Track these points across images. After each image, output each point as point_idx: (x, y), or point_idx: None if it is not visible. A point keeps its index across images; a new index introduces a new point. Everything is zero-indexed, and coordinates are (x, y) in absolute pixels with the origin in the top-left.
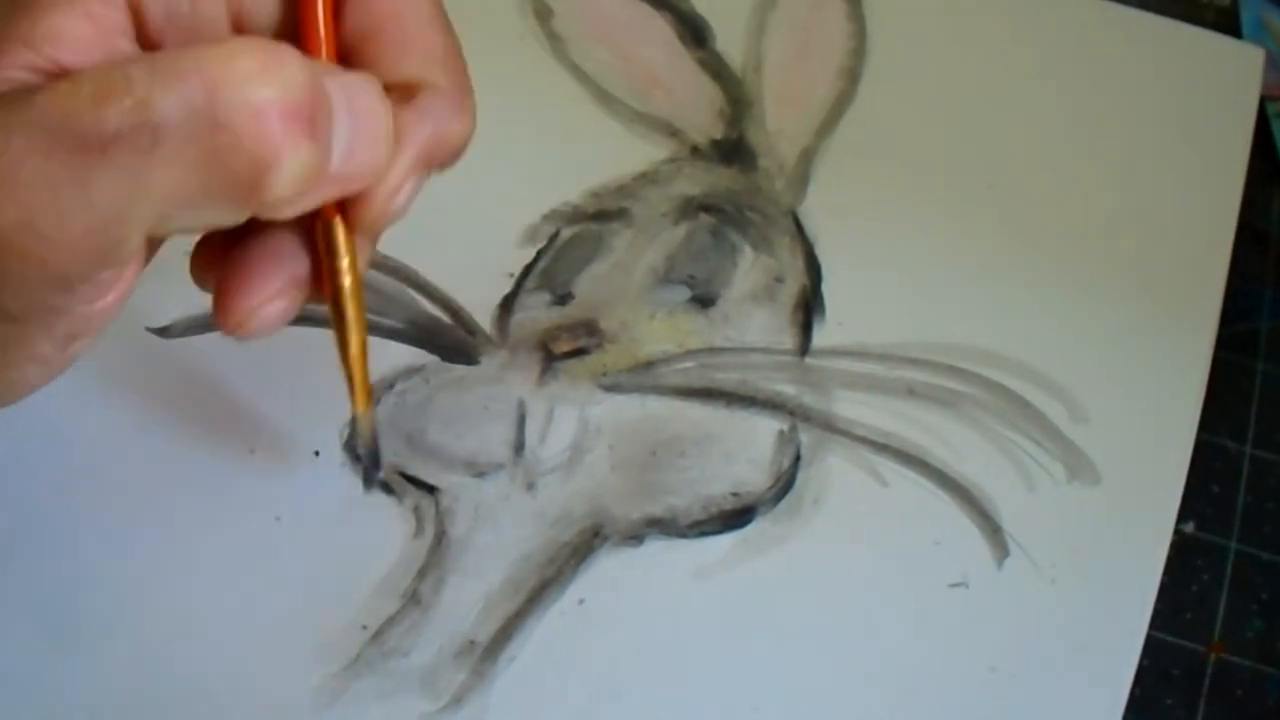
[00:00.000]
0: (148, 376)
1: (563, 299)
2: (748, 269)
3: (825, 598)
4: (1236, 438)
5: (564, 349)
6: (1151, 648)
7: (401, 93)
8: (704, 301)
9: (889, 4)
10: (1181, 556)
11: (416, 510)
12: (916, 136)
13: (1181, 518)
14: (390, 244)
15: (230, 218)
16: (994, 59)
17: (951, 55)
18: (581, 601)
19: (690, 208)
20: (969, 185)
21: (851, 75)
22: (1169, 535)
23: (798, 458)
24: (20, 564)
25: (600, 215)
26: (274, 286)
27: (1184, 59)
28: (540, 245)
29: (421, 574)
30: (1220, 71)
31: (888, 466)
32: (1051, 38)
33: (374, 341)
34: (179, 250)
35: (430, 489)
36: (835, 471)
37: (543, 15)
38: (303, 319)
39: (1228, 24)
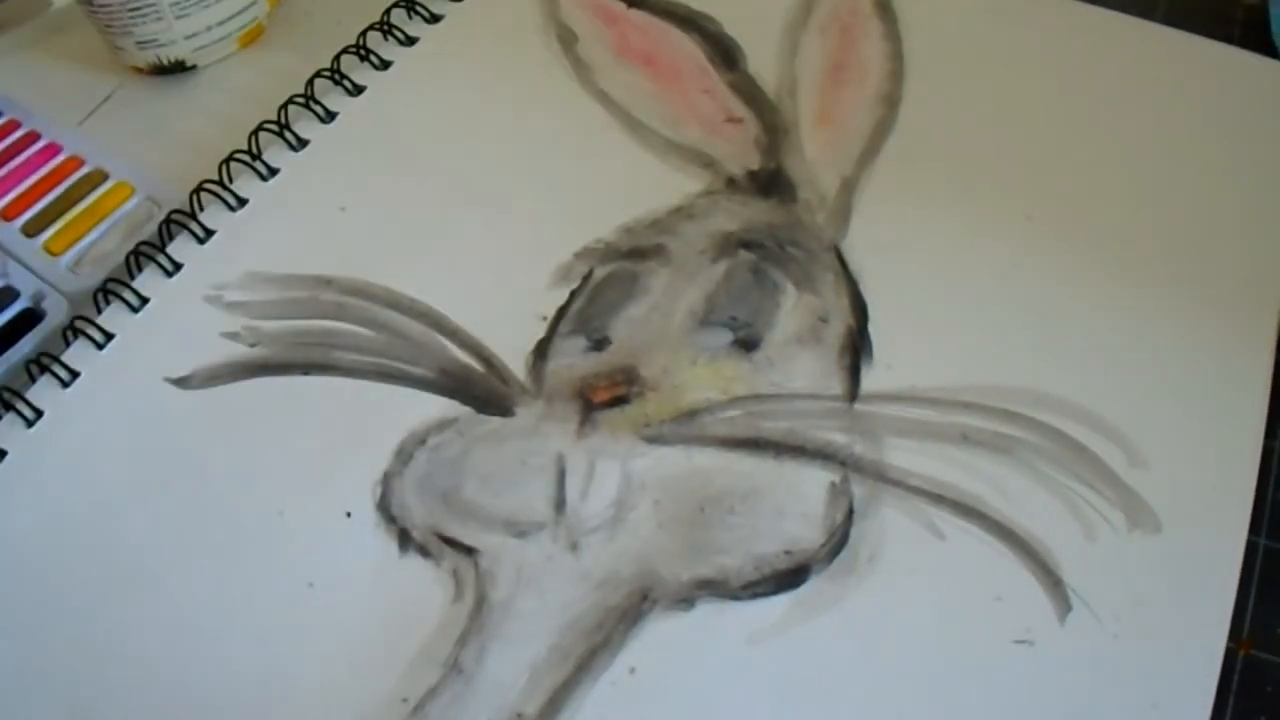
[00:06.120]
0: (166, 431)
1: (599, 344)
2: (791, 309)
3: (885, 660)
4: (1266, 434)
5: (603, 398)
6: None
7: None
8: (747, 345)
9: (926, 26)
10: None
11: (455, 573)
12: (959, 164)
13: None
14: (418, 287)
15: None
16: (1032, 80)
17: (989, 78)
18: (633, 670)
19: (729, 244)
20: (1014, 217)
21: (890, 100)
22: (1235, 583)
23: (851, 511)
24: (43, 635)
25: (635, 253)
26: None
27: (1221, 78)
28: (573, 286)
29: (463, 641)
30: (1259, 90)
31: (944, 519)
32: (1093, 60)
33: (404, 392)
34: (196, 296)
35: (469, 550)
36: (890, 525)
37: (567, 41)
38: (329, 368)
39: (1258, 20)
